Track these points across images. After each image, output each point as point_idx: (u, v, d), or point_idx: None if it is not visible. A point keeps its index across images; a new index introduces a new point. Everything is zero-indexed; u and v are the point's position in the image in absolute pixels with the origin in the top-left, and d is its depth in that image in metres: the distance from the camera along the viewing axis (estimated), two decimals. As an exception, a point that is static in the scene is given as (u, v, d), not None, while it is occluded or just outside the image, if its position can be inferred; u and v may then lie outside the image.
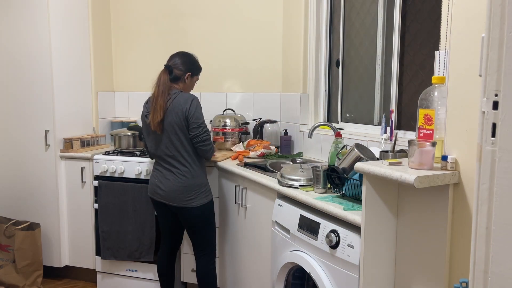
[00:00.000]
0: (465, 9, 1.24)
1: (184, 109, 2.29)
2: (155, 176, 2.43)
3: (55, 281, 3.22)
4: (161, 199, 2.39)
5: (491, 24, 0.79)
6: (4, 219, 3.05)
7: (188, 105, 2.30)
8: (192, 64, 2.47)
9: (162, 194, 2.38)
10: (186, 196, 2.35)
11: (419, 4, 2.24)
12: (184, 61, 2.43)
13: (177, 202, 2.35)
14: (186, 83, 2.44)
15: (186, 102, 2.30)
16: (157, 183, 2.40)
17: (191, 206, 2.36)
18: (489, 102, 0.79)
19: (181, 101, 2.31)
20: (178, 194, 2.34)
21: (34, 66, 3.03)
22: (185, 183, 2.34)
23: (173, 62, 2.41)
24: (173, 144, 2.32)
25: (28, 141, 3.10)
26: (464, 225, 1.28)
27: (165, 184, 2.36)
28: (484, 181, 0.81)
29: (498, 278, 0.80)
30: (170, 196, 2.36)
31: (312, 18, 2.95)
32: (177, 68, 2.40)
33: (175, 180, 2.35)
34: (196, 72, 2.51)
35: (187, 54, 2.48)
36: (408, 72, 2.33)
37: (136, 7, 3.54)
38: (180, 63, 2.41)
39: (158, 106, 2.29)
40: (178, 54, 2.45)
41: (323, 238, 1.75)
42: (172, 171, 2.36)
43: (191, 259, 2.87)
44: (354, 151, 1.83)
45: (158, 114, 2.29)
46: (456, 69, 1.28)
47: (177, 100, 2.31)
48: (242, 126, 3.19)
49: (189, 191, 2.35)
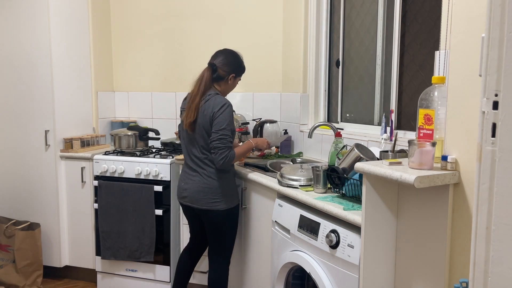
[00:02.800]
0: (465, 9, 1.24)
1: (212, 113, 2.19)
2: (182, 179, 2.36)
3: (55, 281, 3.22)
4: (187, 202, 2.31)
5: (491, 24, 0.79)
6: (4, 219, 3.05)
7: (217, 109, 2.19)
8: (238, 65, 2.35)
9: (187, 196, 2.30)
10: (212, 199, 2.25)
11: (419, 4, 2.24)
12: (229, 60, 2.31)
13: (202, 204, 2.26)
14: (229, 84, 2.34)
15: (217, 105, 2.20)
16: (183, 185, 2.33)
17: (216, 209, 2.26)
18: (489, 102, 0.79)
19: (212, 104, 2.21)
20: (203, 195, 2.25)
21: (34, 66, 3.03)
22: (211, 184, 2.25)
23: (218, 60, 2.30)
24: (200, 145, 2.25)
25: (28, 141, 3.10)
26: (464, 225, 1.28)
27: (191, 185, 2.29)
28: (484, 181, 0.81)
29: (498, 278, 0.80)
30: (195, 198, 2.27)
31: (312, 18, 2.95)
32: (222, 68, 2.29)
33: (200, 181, 2.26)
34: (240, 73, 2.39)
35: (233, 53, 2.36)
36: (408, 72, 2.33)
37: (136, 7, 3.54)
38: (225, 63, 2.30)
39: (194, 105, 2.22)
40: (224, 52, 2.33)
41: (323, 238, 1.76)
42: (198, 172, 2.28)
43: (191, 259, 2.87)
44: (354, 151, 1.83)
45: (192, 114, 2.21)
46: (456, 69, 1.28)
47: (209, 103, 2.21)
48: (242, 126, 3.18)
49: (214, 193, 2.25)
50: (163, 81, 3.53)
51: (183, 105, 2.38)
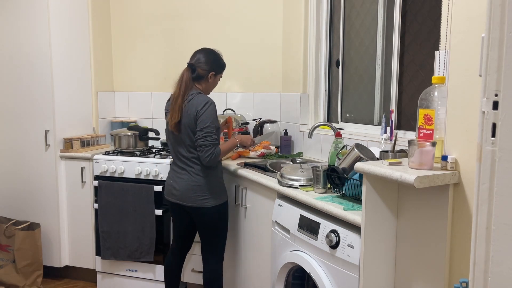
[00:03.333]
0: (465, 9, 1.24)
1: (195, 111, 2.23)
2: (171, 177, 2.40)
3: (55, 281, 3.22)
4: (176, 199, 2.35)
5: (491, 24, 0.79)
6: (4, 219, 3.05)
7: (200, 107, 2.23)
8: (216, 62, 2.38)
9: (177, 194, 2.34)
10: (201, 196, 2.30)
11: (419, 4, 2.24)
12: (208, 59, 2.33)
13: (192, 202, 2.30)
14: (209, 82, 2.37)
15: (200, 104, 2.23)
16: (172, 183, 2.37)
17: (206, 206, 2.30)
18: (489, 102, 0.79)
19: (195, 103, 2.25)
20: (192, 193, 2.30)
21: (34, 66, 3.03)
22: (199, 182, 2.29)
23: (197, 60, 2.33)
24: (187, 144, 2.29)
25: (28, 141, 3.10)
26: (464, 225, 1.28)
27: (180, 183, 2.33)
28: (484, 181, 0.81)
29: (498, 278, 0.80)
30: (184, 196, 2.31)
31: (312, 18, 2.95)
32: (201, 67, 2.32)
33: (189, 179, 2.30)
34: (220, 71, 2.41)
35: (211, 51, 2.38)
36: (408, 72, 2.33)
37: (136, 7, 3.54)
38: (203, 62, 2.32)
39: (177, 106, 2.25)
40: (202, 51, 2.36)
41: (323, 238, 1.75)
42: (186, 170, 2.31)
43: (192, 259, 2.87)
44: (354, 151, 1.83)
45: (176, 114, 2.25)
46: (456, 69, 1.28)
47: (192, 102, 2.25)
48: (242, 126, 3.18)
49: (203, 190, 2.30)
50: (163, 81, 3.53)
51: (167, 106, 2.42)
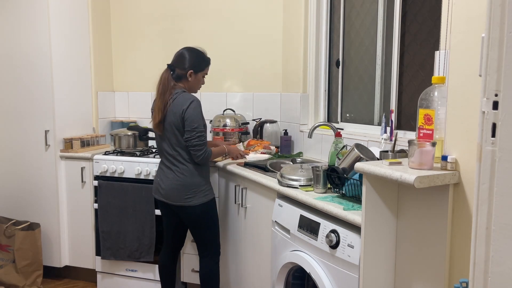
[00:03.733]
0: (465, 9, 1.24)
1: (181, 110, 2.24)
2: (158, 175, 2.43)
3: (55, 281, 3.22)
4: (162, 198, 2.39)
5: (491, 24, 0.79)
6: (4, 219, 3.05)
7: (186, 106, 2.24)
8: (195, 60, 2.36)
9: (163, 193, 2.38)
10: (185, 195, 2.32)
11: (419, 4, 2.24)
12: (185, 58, 2.34)
13: (177, 201, 2.34)
14: (190, 81, 2.36)
15: (185, 103, 2.25)
16: (159, 181, 2.40)
17: (190, 205, 2.33)
18: (489, 102, 0.79)
19: (180, 102, 2.26)
20: (177, 192, 2.33)
21: (34, 66, 3.03)
22: (183, 182, 2.32)
23: (176, 60, 2.36)
24: (172, 143, 2.32)
25: (28, 141, 3.10)
26: (464, 225, 1.28)
27: (165, 183, 2.36)
28: (484, 181, 0.81)
29: (498, 278, 0.80)
30: (170, 195, 2.35)
31: (312, 18, 2.95)
32: (179, 67, 2.34)
33: (174, 178, 2.34)
34: (200, 69, 2.38)
35: (191, 50, 2.38)
36: (408, 72, 2.33)
37: (136, 8, 3.54)
38: (181, 61, 2.34)
39: (157, 107, 2.30)
40: (182, 51, 2.37)
41: (323, 238, 1.75)
42: (172, 169, 2.35)
43: (192, 259, 2.87)
44: (354, 151, 1.83)
45: (157, 115, 2.30)
46: (456, 69, 1.28)
47: (177, 101, 2.27)
48: (242, 126, 3.18)
49: (187, 189, 2.32)
50: (163, 81, 3.52)
51: (153, 106, 2.43)
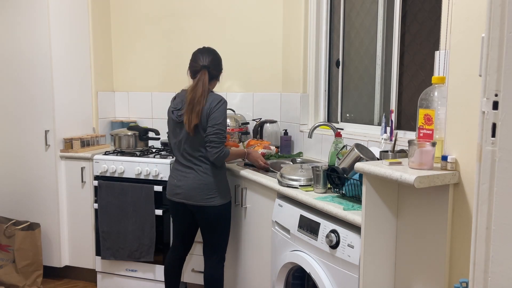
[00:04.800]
0: (465, 9, 1.24)
1: (210, 108, 2.25)
2: (174, 176, 2.38)
3: (55, 281, 3.22)
4: (181, 198, 2.34)
5: (491, 24, 0.79)
6: (4, 219, 3.05)
7: (214, 104, 2.25)
8: (221, 62, 2.42)
9: (182, 193, 2.33)
10: (207, 194, 2.30)
11: (419, 4, 2.24)
12: (218, 60, 2.37)
13: (198, 201, 2.30)
14: (218, 81, 2.42)
15: (215, 101, 2.26)
16: (176, 182, 2.35)
17: (211, 204, 2.30)
18: (489, 102, 0.79)
19: (210, 100, 2.27)
20: (199, 192, 2.29)
21: (34, 66, 3.03)
22: (206, 181, 2.30)
23: (210, 61, 2.32)
24: (197, 143, 2.29)
25: (28, 141, 3.10)
26: (464, 225, 1.28)
27: (185, 182, 2.32)
28: (484, 181, 0.81)
29: (498, 278, 0.80)
30: (190, 195, 2.31)
31: (312, 18, 2.95)
32: (214, 69, 2.34)
33: (195, 177, 2.30)
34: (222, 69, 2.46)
35: (216, 51, 2.40)
36: (408, 72, 2.33)
37: (136, 7, 3.54)
38: (215, 63, 2.35)
39: (197, 110, 2.23)
40: (210, 53, 2.36)
41: (323, 238, 1.75)
42: (193, 168, 2.31)
43: (193, 259, 2.87)
44: (354, 151, 1.83)
45: (195, 118, 2.23)
46: (456, 69, 1.28)
47: (208, 101, 2.27)
48: (242, 126, 3.18)
49: (210, 189, 2.30)
50: (163, 81, 3.53)
51: (174, 105, 2.37)
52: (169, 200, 2.42)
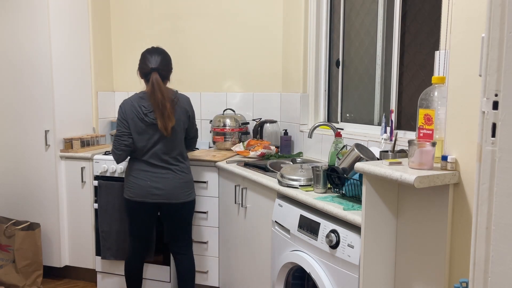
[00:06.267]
0: (465, 9, 1.24)
1: (188, 109, 2.42)
2: (146, 178, 2.38)
3: (55, 281, 3.22)
4: (159, 199, 2.39)
5: (491, 24, 0.79)
6: (4, 219, 3.05)
7: (190, 106, 2.44)
8: (171, 61, 2.47)
9: (161, 194, 2.37)
10: (187, 191, 2.43)
11: (419, 4, 2.24)
12: (167, 60, 2.42)
13: (180, 198, 2.40)
14: (169, 81, 2.47)
15: (188, 102, 2.43)
16: (152, 184, 2.37)
17: (190, 200, 2.47)
18: (489, 102, 0.79)
19: (184, 101, 2.40)
20: (180, 190, 2.40)
21: (34, 66, 3.03)
22: (186, 179, 2.44)
23: (159, 63, 2.35)
24: (175, 142, 2.36)
25: (28, 141, 3.10)
26: (464, 225, 1.28)
27: (163, 183, 2.37)
28: (484, 181, 0.81)
29: (498, 278, 0.80)
30: (172, 194, 2.38)
31: (312, 18, 2.95)
32: (164, 69, 2.38)
33: (175, 177, 2.38)
34: None
35: (165, 52, 2.45)
36: (408, 72, 2.33)
37: (136, 8, 3.54)
38: (165, 64, 2.39)
39: (169, 112, 2.28)
40: (159, 53, 2.39)
41: (323, 238, 1.76)
42: (170, 169, 2.38)
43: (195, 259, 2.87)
44: (354, 151, 1.83)
45: (172, 120, 2.30)
46: (456, 69, 1.28)
47: (181, 100, 2.39)
48: (242, 126, 3.19)
49: (189, 186, 2.46)
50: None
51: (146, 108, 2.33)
52: (138, 202, 2.39)
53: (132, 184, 2.40)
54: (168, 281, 2.88)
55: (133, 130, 2.35)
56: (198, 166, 2.79)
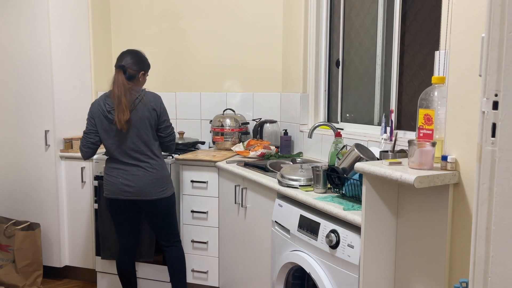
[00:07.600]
0: (465, 9, 1.24)
1: (156, 107, 2.42)
2: (117, 176, 2.42)
3: (55, 281, 3.22)
4: (131, 196, 2.41)
5: (491, 24, 0.79)
6: (4, 219, 3.05)
7: (159, 103, 2.44)
8: (144, 62, 2.52)
9: (133, 191, 2.40)
10: (160, 188, 2.45)
11: (419, 4, 2.24)
12: (136, 60, 2.47)
13: (151, 195, 2.42)
14: (140, 81, 2.50)
15: (157, 100, 2.44)
16: (123, 181, 2.41)
17: (164, 196, 2.47)
18: (489, 102, 0.79)
19: (152, 99, 2.42)
20: (152, 187, 2.41)
21: (34, 66, 3.03)
22: (157, 175, 2.44)
23: (125, 61, 2.43)
24: (142, 139, 2.38)
25: (28, 141, 3.10)
26: (464, 225, 1.28)
27: (134, 181, 2.40)
28: (484, 181, 0.81)
29: (498, 278, 0.80)
30: (143, 191, 2.40)
31: (312, 18, 2.95)
32: (131, 68, 2.43)
33: (145, 174, 2.40)
34: (148, 70, 2.55)
35: (137, 52, 2.52)
36: (408, 72, 2.33)
37: (136, 7, 3.54)
38: (132, 63, 2.44)
39: (123, 106, 2.33)
40: (129, 53, 2.48)
41: (323, 238, 1.75)
42: (140, 166, 2.40)
43: (192, 259, 2.87)
44: (354, 151, 1.83)
45: (125, 113, 2.33)
46: (456, 69, 1.28)
47: (148, 98, 2.41)
48: (242, 126, 3.19)
49: (161, 182, 2.45)
50: (163, 81, 3.53)
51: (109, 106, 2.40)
52: (112, 199, 2.46)
53: (106, 182, 2.47)
54: (168, 281, 2.88)
55: (99, 128, 2.44)
56: (198, 166, 2.79)
